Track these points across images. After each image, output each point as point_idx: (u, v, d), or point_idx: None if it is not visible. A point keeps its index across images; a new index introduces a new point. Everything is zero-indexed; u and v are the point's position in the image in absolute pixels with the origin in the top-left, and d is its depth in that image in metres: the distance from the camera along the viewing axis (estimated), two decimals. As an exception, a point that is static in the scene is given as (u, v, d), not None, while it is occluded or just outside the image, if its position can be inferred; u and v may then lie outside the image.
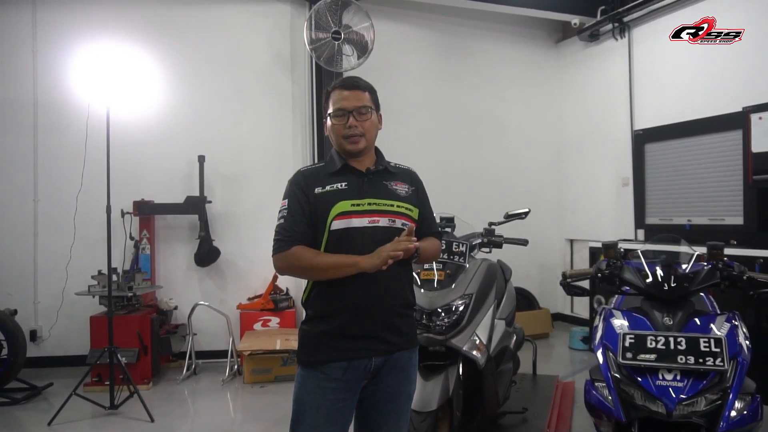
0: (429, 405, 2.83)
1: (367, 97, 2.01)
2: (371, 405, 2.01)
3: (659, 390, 2.10)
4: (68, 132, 5.31)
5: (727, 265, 2.48)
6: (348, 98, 1.97)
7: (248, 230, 5.71)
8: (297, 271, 1.97)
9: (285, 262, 1.94)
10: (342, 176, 1.98)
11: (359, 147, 1.98)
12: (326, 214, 1.92)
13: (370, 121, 2.00)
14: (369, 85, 2.05)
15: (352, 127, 1.96)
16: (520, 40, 7.06)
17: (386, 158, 2.12)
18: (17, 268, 5.35)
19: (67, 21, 5.44)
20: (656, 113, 5.74)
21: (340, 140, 1.99)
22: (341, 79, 2.07)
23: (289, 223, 1.94)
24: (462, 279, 3.18)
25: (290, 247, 1.92)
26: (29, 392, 4.58)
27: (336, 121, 1.98)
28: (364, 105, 1.99)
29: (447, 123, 6.66)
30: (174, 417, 4.20)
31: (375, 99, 2.06)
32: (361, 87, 2.02)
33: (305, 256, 1.91)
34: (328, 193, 1.95)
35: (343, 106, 1.97)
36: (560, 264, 7.12)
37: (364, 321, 1.92)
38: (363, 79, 2.05)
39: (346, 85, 2.01)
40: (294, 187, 1.99)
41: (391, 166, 2.09)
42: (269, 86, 5.89)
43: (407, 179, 2.09)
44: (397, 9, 6.33)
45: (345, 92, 1.99)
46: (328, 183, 1.97)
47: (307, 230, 1.94)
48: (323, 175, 1.99)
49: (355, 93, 1.99)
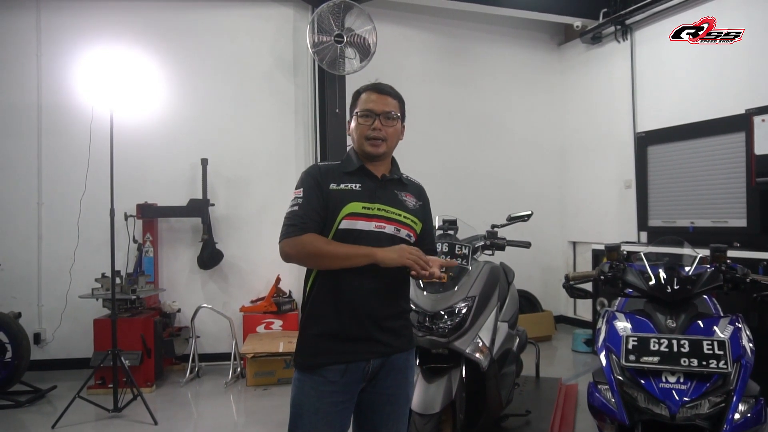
0: (432, 407, 2.82)
1: (395, 105, 2.03)
2: (369, 408, 2.02)
3: (662, 393, 2.10)
4: (72, 135, 5.34)
5: (730, 267, 2.48)
6: (377, 102, 2.00)
7: (251, 233, 5.72)
8: (306, 257, 1.93)
9: (295, 247, 1.90)
10: (357, 177, 2.00)
11: (379, 151, 1.99)
12: (336, 212, 1.93)
13: (394, 129, 2.03)
14: (399, 95, 2.08)
15: (377, 129, 1.98)
16: (523, 43, 7.07)
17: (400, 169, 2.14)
18: (21, 271, 5.37)
19: (71, 25, 5.47)
20: (659, 115, 5.74)
21: (361, 141, 2.00)
22: (373, 83, 2.09)
23: (303, 210, 1.93)
24: (465, 281, 3.18)
25: (303, 233, 1.90)
26: (33, 395, 4.59)
27: (362, 121, 2.00)
28: (391, 111, 2.01)
29: (449, 126, 6.67)
30: (177, 420, 4.21)
31: (402, 109, 2.08)
32: (392, 94, 2.05)
33: (317, 243, 1.89)
34: (342, 191, 1.96)
35: (371, 108, 1.99)
36: (563, 266, 7.11)
37: (361, 324, 1.93)
38: (394, 88, 2.08)
39: (378, 89, 2.03)
40: (310, 178, 1.99)
41: (404, 177, 2.12)
42: (272, 89, 5.90)
43: (416, 193, 2.12)
44: (399, 12, 6.34)
45: (375, 95, 2.01)
46: (342, 181, 1.98)
47: (319, 220, 1.94)
48: (339, 173, 2.00)
49: (385, 98, 2.01)
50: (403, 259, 1.83)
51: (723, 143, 4.83)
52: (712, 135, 4.91)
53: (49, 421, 4.03)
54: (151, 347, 4.81)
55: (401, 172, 2.12)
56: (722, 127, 4.81)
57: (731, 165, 4.73)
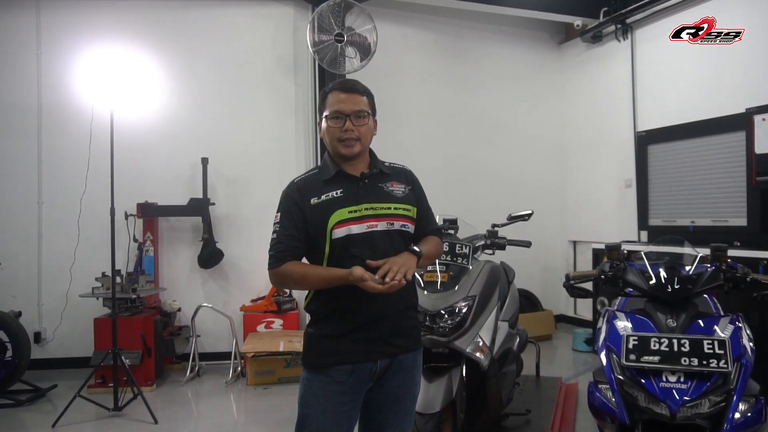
0: (432, 407, 2.83)
1: (365, 102, 1.98)
2: (376, 407, 2.01)
3: (663, 392, 2.10)
4: (72, 134, 5.34)
5: (730, 266, 2.48)
6: (346, 101, 1.94)
7: (251, 232, 5.72)
8: (290, 285, 2.01)
9: (277, 279, 1.96)
10: (337, 183, 1.96)
11: (354, 151, 1.96)
12: (325, 224, 1.91)
13: (366, 126, 1.97)
14: (367, 90, 2.02)
15: (349, 130, 1.93)
16: (523, 42, 7.06)
17: (384, 159, 2.10)
18: (21, 270, 5.37)
19: (71, 24, 5.47)
20: (659, 114, 5.73)
21: (334, 143, 1.96)
22: (339, 81, 2.04)
23: (280, 237, 1.94)
24: (465, 281, 3.18)
25: (281, 264, 1.92)
26: (33, 394, 4.60)
27: (332, 123, 1.95)
28: (361, 109, 1.96)
29: (450, 125, 6.66)
30: (177, 419, 4.21)
31: (372, 104, 2.03)
32: (360, 91, 1.98)
33: (295, 273, 1.91)
34: (324, 202, 1.93)
35: (340, 109, 1.93)
36: (563, 265, 7.11)
37: (369, 325, 1.92)
38: (361, 83, 2.02)
39: (344, 88, 1.97)
40: (287, 201, 1.98)
41: (386, 166, 2.06)
42: (272, 88, 5.90)
43: (403, 178, 2.06)
44: (400, 11, 6.33)
45: (343, 95, 1.95)
46: (323, 192, 1.94)
47: (299, 244, 1.94)
48: (318, 184, 1.97)
49: (353, 96, 1.96)
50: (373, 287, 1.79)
51: (723, 142, 4.82)
52: (713, 134, 4.91)
53: (49, 420, 4.03)
54: (152, 346, 4.81)
55: (382, 161, 2.07)
56: (722, 126, 4.81)
57: (731, 164, 4.73)
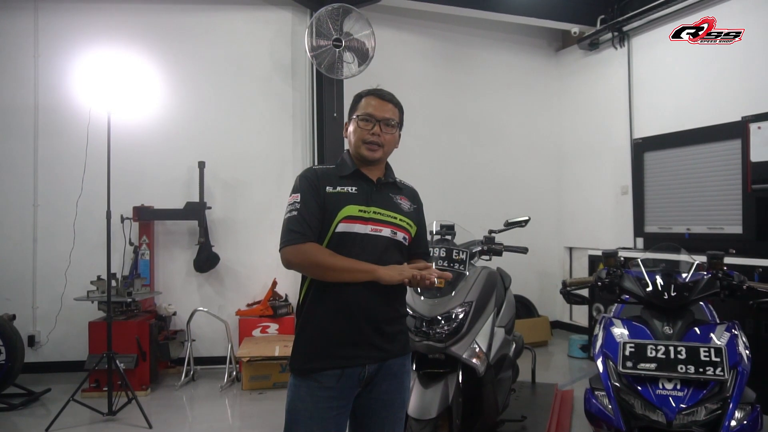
0: (428, 413, 2.82)
1: (396, 113, 2.05)
2: (365, 413, 2.01)
3: (659, 399, 2.10)
4: (69, 137, 5.32)
5: (726, 274, 2.49)
6: (378, 107, 2.01)
7: (248, 237, 5.72)
8: (308, 267, 1.91)
9: (299, 256, 1.88)
10: (352, 181, 2.00)
11: (375, 156, 2.00)
12: (333, 215, 1.92)
13: (392, 136, 2.03)
14: (400, 104, 2.09)
15: (376, 135, 1.98)
16: (520, 49, 7.10)
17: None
18: (16, 272, 5.34)
19: (69, 26, 5.46)
20: (655, 122, 5.76)
21: (359, 144, 2.00)
22: (376, 88, 2.09)
23: (303, 216, 1.91)
24: (462, 287, 3.18)
25: (305, 241, 1.89)
26: (27, 398, 4.56)
27: (362, 125, 2.00)
28: (392, 118, 2.02)
29: (447, 130, 6.68)
30: (172, 423, 4.18)
31: (401, 118, 2.10)
32: (394, 102, 2.06)
33: (321, 254, 1.88)
34: (338, 194, 1.96)
35: (372, 113, 1.99)
36: (559, 272, 7.13)
37: (357, 329, 1.92)
38: (395, 97, 2.09)
39: (380, 95, 2.04)
40: (306, 182, 1.98)
41: (399, 181, 2.14)
42: (270, 93, 5.90)
43: (411, 197, 2.13)
44: (398, 17, 6.35)
45: (377, 101, 2.02)
46: (339, 184, 1.98)
47: (318, 226, 1.93)
48: (334, 176, 2.01)
49: (386, 105, 2.02)
50: (403, 276, 1.85)
51: (719, 150, 4.85)
52: (709, 142, 4.94)
53: (42, 424, 4.00)
54: (147, 350, 4.78)
55: (395, 176, 2.14)
56: (718, 134, 4.83)
57: (727, 172, 4.75)
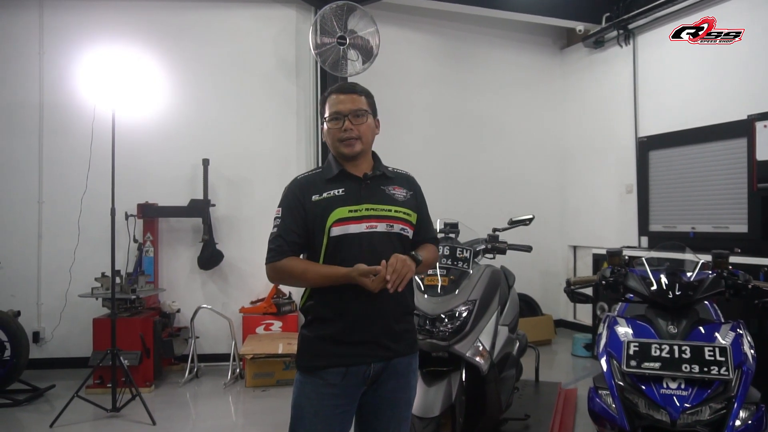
0: (432, 411, 2.82)
1: (363, 101, 2.01)
2: (371, 412, 2.01)
3: (663, 398, 2.09)
4: (73, 134, 5.34)
5: (732, 273, 2.47)
6: (344, 102, 1.97)
7: (251, 234, 5.71)
8: (287, 281, 2.03)
9: (276, 274, 1.97)
10: (339, 182, 1.98)
11: (355, 150, 1.97)
12: (324, 221, 1.92)
13: (366, 125, 1.99)
14: (365, 90, 2.05)
15: (348, 130, 1.95)
16: (525, 47, 7.07)
17: (387, 163, 2.11)
18: (21, 269, 5.37)
19: (74, 24, 5.48)
20: (661, 120, 5.73)
21: (336, 144, 1.99)
22: (337, 85, 2.07)
23: (281, 232, 1.95)
24: (466, 285, 3.17)
25: (281, 258, 1.93)
26: (31, 394, 4.58)
27: (332, 125, 1.98)
28: (360, 108, 1.98)
29: (451, 128, 6.66)
30: (176, 420, 4.19)
31: (372, 103, 2.06)
32: (357, 91, 2.02)
33: (295, 269, 1.92)
34: (325, 200, 1.95)
35: (338, 110, 1.96)
36: (563, 270, 7.11)
37: (363, 327, 1.92)
38: (359, 84, 2.06)
39: (342, 90, 2.01)
40: (289, 196, 1.99)
41: (389, 170, 2.08)
42: (274, 90, 5.90)
43: (405, 184, 2.09)
44: (402, 14, 6.34)
45: (341, 96, 1.99)
46: (325, 190, 1.96)
47: (298, 240, 1.95)
48: (320, 182, 1.99)
49: (350, 97, 1.99)
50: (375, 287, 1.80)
51: (725, 149, 4.83)
52: (714, 140, 4.91)
53: (47, 420, 4.02)
54: (150, 347, 4.80)
55: (385, 165, 2.09)
56: (724, 133, 4.81)
57: (733, 170, 4.73)
